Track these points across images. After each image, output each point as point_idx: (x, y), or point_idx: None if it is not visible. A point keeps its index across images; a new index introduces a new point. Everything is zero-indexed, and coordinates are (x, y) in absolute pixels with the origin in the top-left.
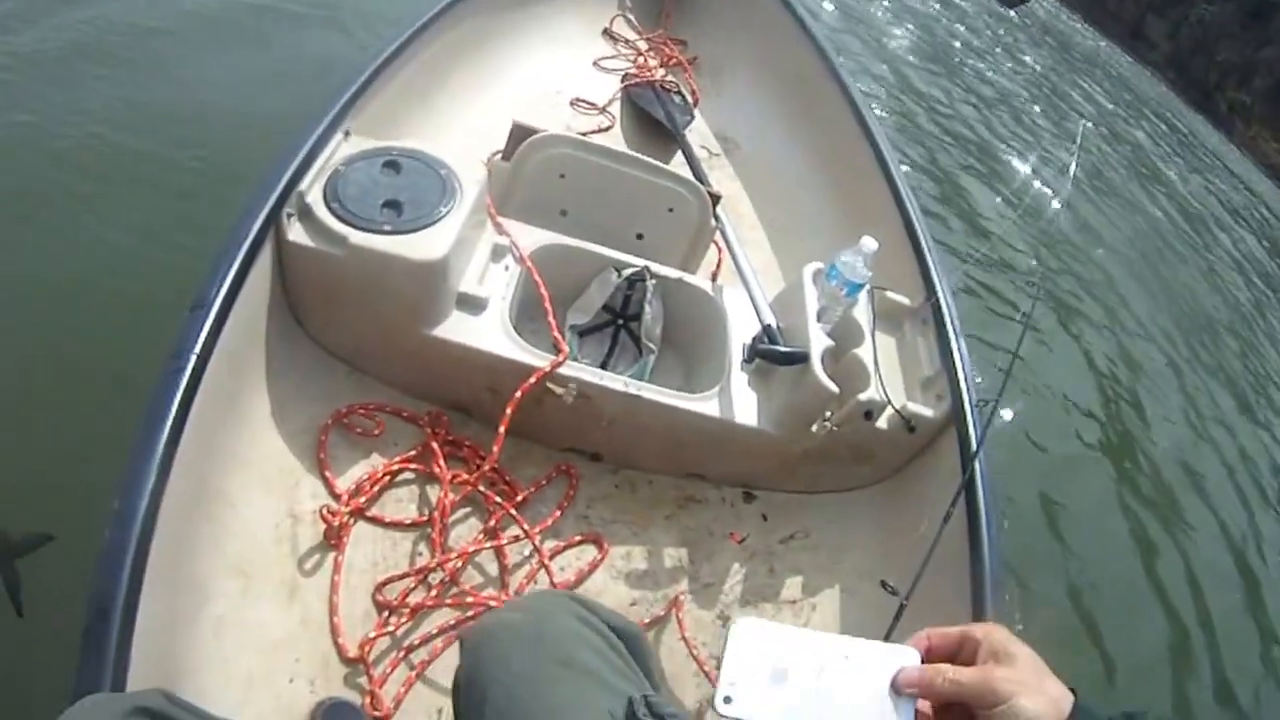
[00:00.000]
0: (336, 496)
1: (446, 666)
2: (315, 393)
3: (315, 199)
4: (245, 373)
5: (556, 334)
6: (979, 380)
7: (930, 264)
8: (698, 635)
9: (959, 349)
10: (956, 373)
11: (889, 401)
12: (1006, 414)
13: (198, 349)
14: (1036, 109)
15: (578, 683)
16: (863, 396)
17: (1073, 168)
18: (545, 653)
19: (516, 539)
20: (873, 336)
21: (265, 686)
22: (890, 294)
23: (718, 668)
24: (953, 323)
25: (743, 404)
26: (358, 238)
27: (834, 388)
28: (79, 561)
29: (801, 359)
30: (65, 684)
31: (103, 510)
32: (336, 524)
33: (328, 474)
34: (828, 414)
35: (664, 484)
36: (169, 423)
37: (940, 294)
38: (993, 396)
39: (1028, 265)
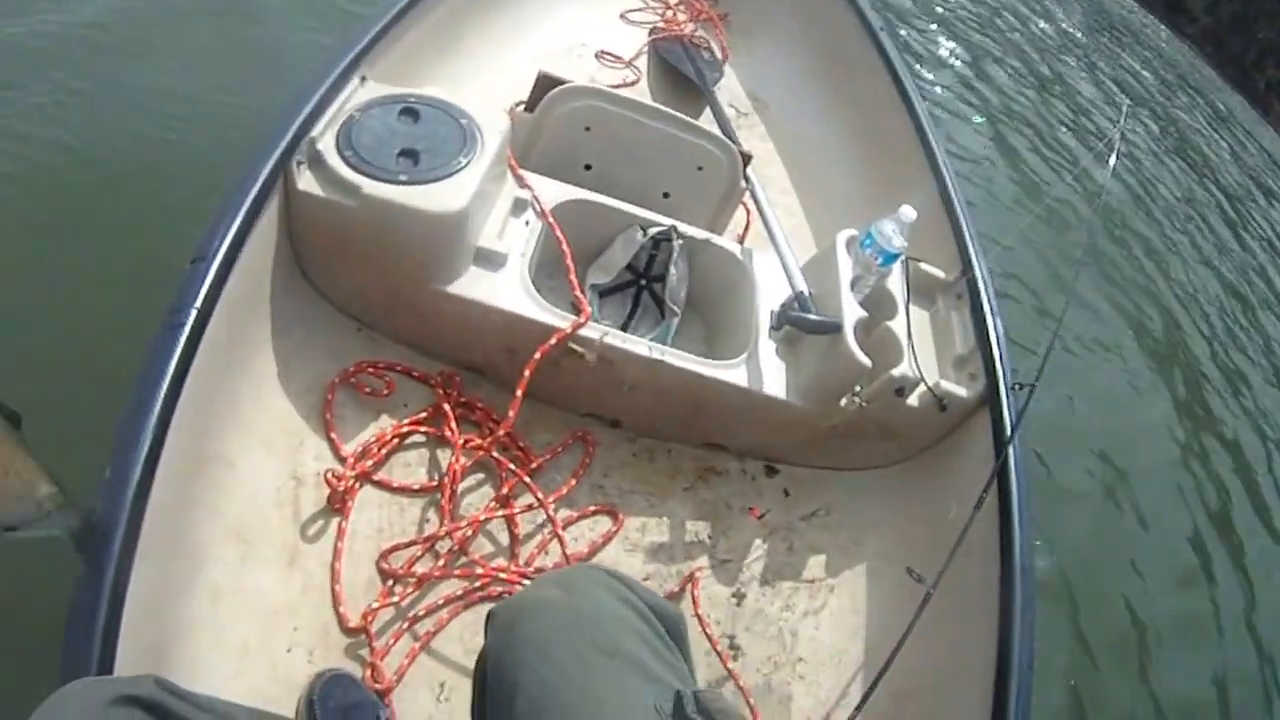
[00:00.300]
0: (342, 459)
1: (451, 639)
2: (322, 350)
3: (327, 146)
4: (249, 329)
5: (578, 293)
6: (1014, 368)
7: (967, 237)
8: (712, 613)
9: (995, 327)
10: (992, 352)
11: (921, 378)
12: (1044, 397)
13: (198, 303)
14: (1075, 81)
15: (621, 674)
16: (895, 372)
17: (1114, 153)
18: (586, 638)
19: (529, 508)
20: (906, 310)
21: (262, 656)
22: (925, 266)
23: (731, 647)
24: (989, 299)
25: (769, 373)
26: (371, 187)
27: (867, 361)
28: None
29: (834, 328)
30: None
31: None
32: (341, 488)
33: (333, 435)
34: (857, 388)
35: (683, 454)
36: (165, 382)
37: (977, 269)
38: (1030, 380)
39: (1068, 244)
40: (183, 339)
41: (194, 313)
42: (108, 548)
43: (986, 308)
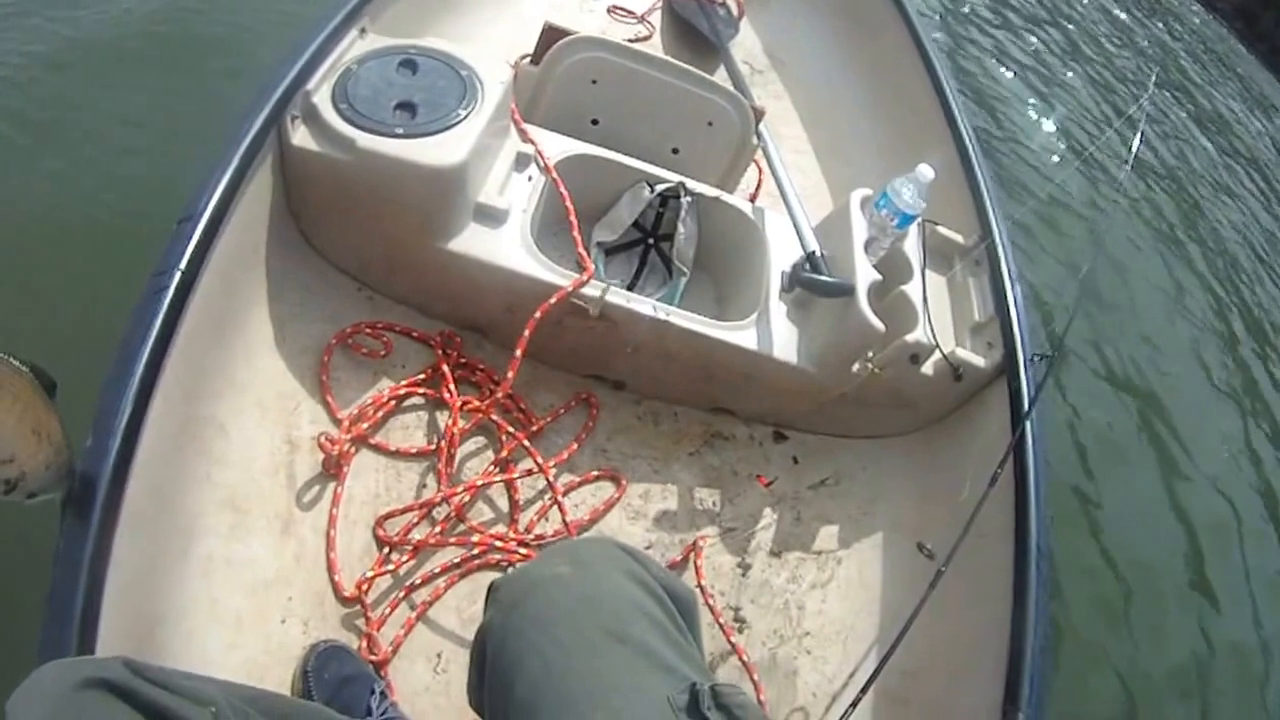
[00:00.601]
0: (338, 423)
1: (448, 609)
2: (318, 311)
3: (323, 99)
4: (241, 289)
5: (581, 250)
6: (1034, 338)
7: (986, 201)
8: (715, 584)
9: (1014, 295)
10: (1010, 321)
11: (937, 345)
12: (1065, 370)
13: (182, 265)
14: (1104, 49)
15: (633, 662)
16: (909, 338)
17: (1141, 121)
18: (596, 620)
19: (529, 472)
20: (923, 274)
21: (255, 628)
22: (943, 229)
23: (735, 620)
24: (1008, 266)
25: (780, 337)
26: (366, 141)
27: (880, 325)
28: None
29: (846, 291)
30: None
31: None
32: (336, 452)
33: (329, 398)
34: (870, 354)
35: (690, 417)
36: (149, 346)
37: (996, 234)
38: (1049, 351)
39: (1092, 212)
40: (166, 301)
41: (178, 274)
42: (87, 520)
43: (1006, 274)
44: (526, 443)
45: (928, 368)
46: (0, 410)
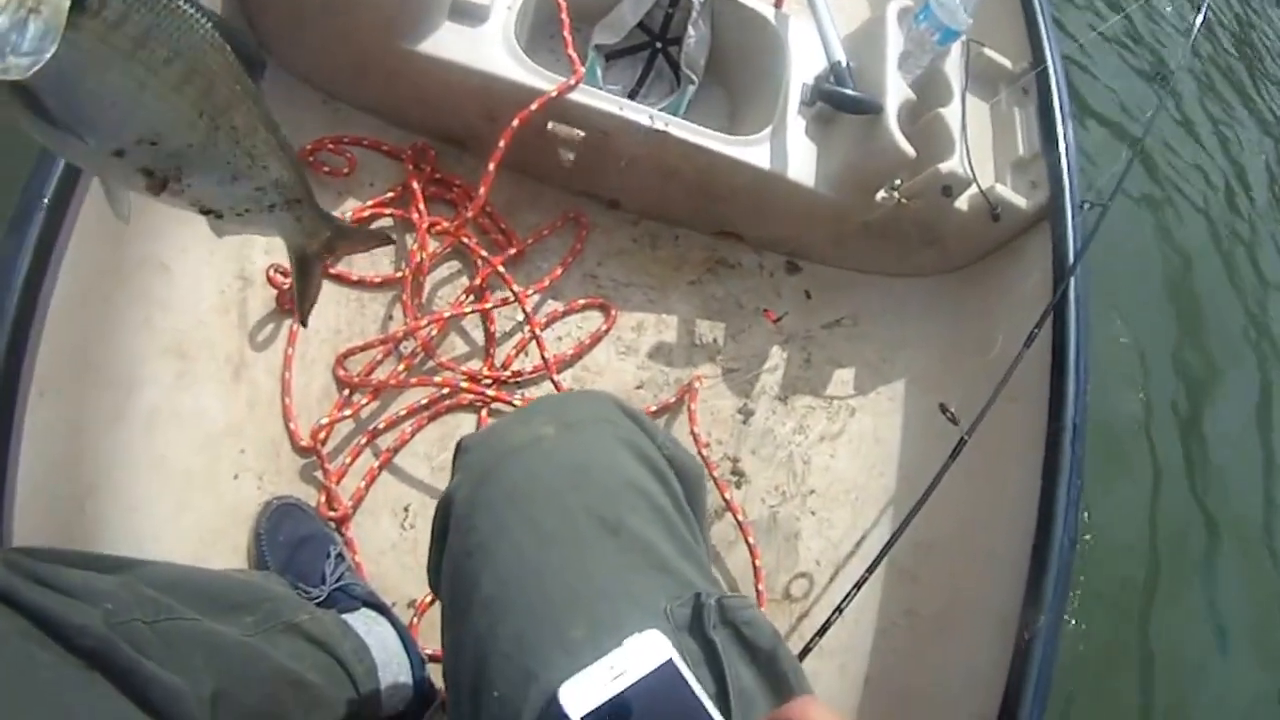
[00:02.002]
0: None
1: (416, 455)
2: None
3: None
4: None
5: (572, 51)
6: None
7: (1041, 24)
8: (711, 431)
9: (1066, 131)
10: (1060, 159)
11: (974, 179)
12: (1116, 221)
13: None
14: None
15: (626, 559)
16: (943, 167)
17: None
18: (584, 500)
19: (505, 301)
20: (963, 99)
21: (206, 487)
22: (989, 51)
23: (732, 473)
24: (1060, 98)
25: (796, 155)
26: None
27: (910, 150)
28: None
29: (874, 108)
30: None
31: None
32: (289, 285)
33: None
34: (897, 181)
35: (692, 241)
36: (55, 178)
37: (1050, 62)
38: (1102, 200)
39: (1158, 53)
40: None
41: None
42: None
43: (1057, 107)
44: (501, 268)
45: (962, 202)
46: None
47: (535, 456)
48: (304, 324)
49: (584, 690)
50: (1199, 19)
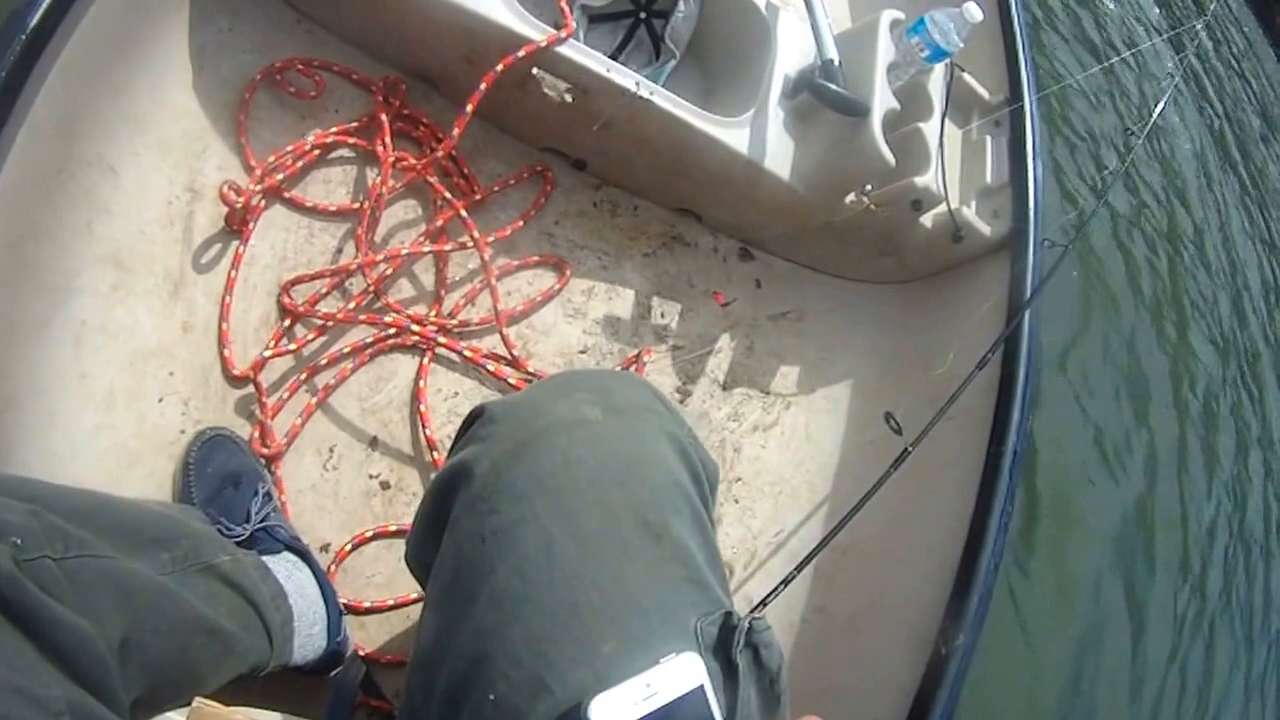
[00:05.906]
0: (251, 170)
1: (350, 395)
2: (248, 42)
3: None
4: (155, 7)
5: (564, 3)
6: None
7: (1021, 61)
8: None
9: (1034, 166)
10: (1026, 192)
11: (944, 197)
12: (1073, 264)
13: None
14: None
15: (666, 570)
16: (918, 181)
17: (1200, 27)
18: (631, 500)
19: (463, 246)
20: (942, 118)
21: (128, 408)
22: (968, 78)
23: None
24: (1033, 135)
25: (773, 144)
26: None
27: (891, 158)
28: None
29: (862, 110)
30: None
31: None
32: (242, 204)
33: (244, 140)
34: (869, 186)
35: (651, 214)
36: (8, 67)
37: (1026, 98)
38: (1064, 241)
39: (1131, 111)
40: (40, 9)
41: None
42: None
43: (1029, 142)
44: (464, 213)
45: (927, 219)
46: None
47: (579, 440)
48: None
49: (616, 708)
50: (1176, 78)
